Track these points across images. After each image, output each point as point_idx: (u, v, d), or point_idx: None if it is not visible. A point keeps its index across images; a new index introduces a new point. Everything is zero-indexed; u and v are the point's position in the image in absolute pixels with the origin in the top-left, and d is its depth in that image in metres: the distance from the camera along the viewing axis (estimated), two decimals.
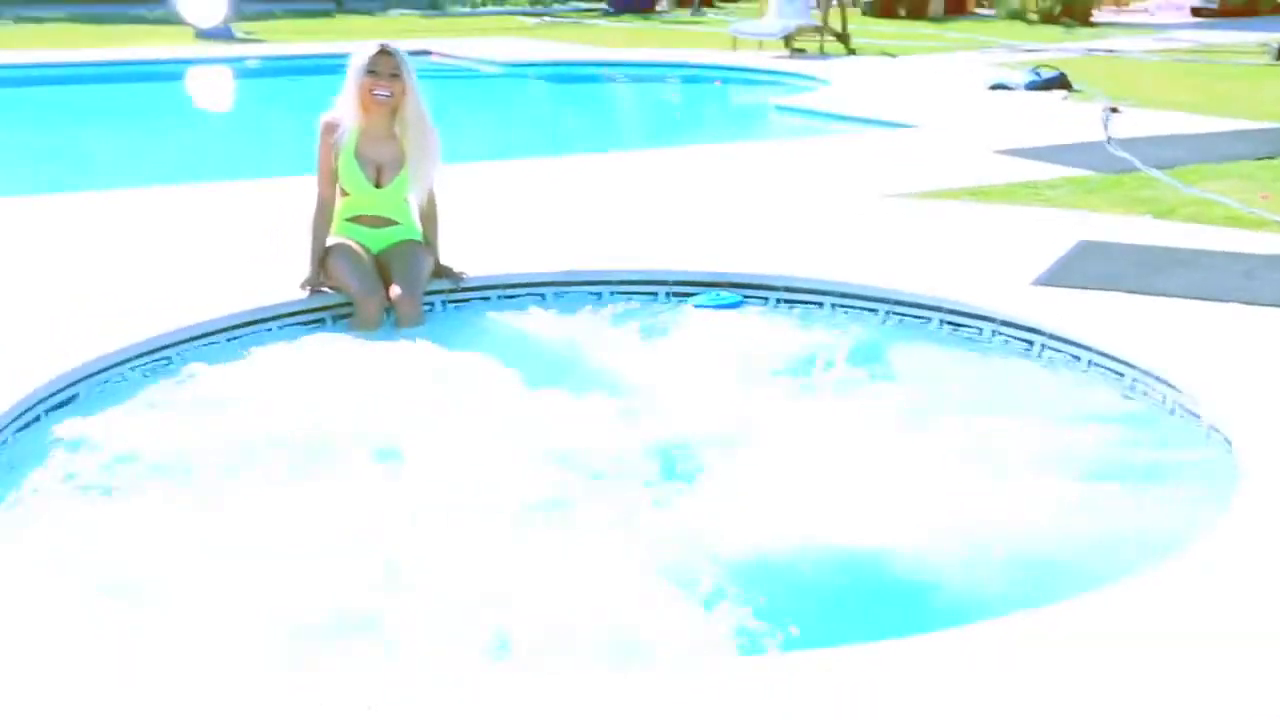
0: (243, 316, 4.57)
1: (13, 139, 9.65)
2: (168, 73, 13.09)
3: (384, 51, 4.70)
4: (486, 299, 5.02)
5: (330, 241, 4.84)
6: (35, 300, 4.73)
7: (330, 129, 4.80)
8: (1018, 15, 19.98)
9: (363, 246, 4.85)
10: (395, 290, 4.70)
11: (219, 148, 9.76)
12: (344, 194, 4.85)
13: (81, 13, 19.01)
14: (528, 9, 21.41)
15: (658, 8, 20.86)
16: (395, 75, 4.71)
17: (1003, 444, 3.67)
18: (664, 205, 6.67)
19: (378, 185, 4.84)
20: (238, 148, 9.72)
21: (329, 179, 4.83)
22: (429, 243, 4.97)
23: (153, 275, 5.11)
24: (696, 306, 4.98)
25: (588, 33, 17.78)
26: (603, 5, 21.11)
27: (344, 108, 4.79)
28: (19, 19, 17.85)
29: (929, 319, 4.86)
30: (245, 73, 13.49)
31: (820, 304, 5.03)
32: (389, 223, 4.91)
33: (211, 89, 13.24)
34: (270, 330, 4.60)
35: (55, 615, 2.56)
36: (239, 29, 16.17)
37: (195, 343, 4.40)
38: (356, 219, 4.89)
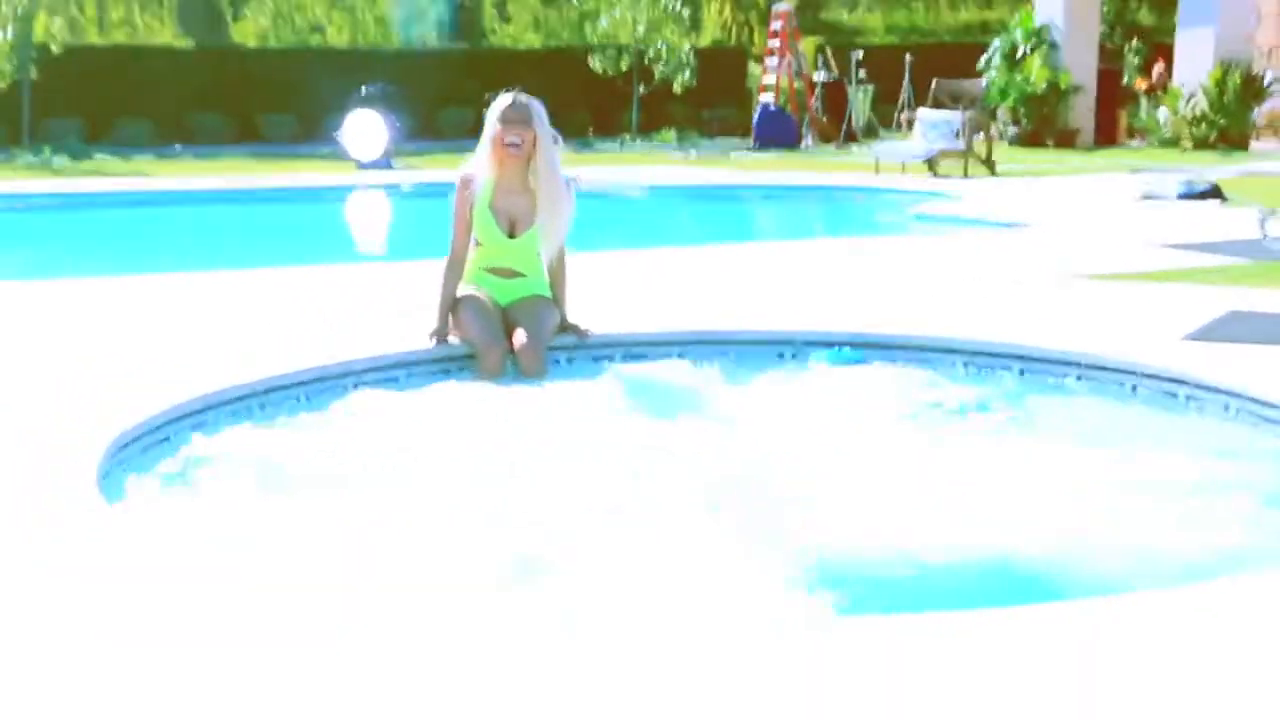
0: (368, 364, 4.69)
1: (213, 240, 10.75)
2: (328, 195, 14.15)
3: (515, 101, 4.83)
4: (611, 356, 5.01)
5: (460, 292, 4.95)
6: (219, 340, 5.06)
7: (466, 182, 4.95)
8: (1171, 143, 19.69)
9: (491, 298, 4.95)
10: (519, 338, 4.76)
11: (367, 241, 11.30)
12: (477, 244, 4.96)
13: (259, 150, 20.14)
14: (674, 145, 21.92)
15: (803, 144, 21.13)
16: (525, 123, 4.83)
17: (1149, 495, 3.53)
18: (794, 284, 6.66)
19: (511, 236, 4.94)
20: (382, 242, 11.15)
21: (464, 231, 4.95)
22: (557, 299, 5.05)
23: (296, 330, 5.34)
24: (817, 362, 4.96)
25: (733, 164, 18.10)
26: (748, 142, 21.48)
27: (479, 160, 4.95)
28: (199, 155, 18.98)
29: (1067, 373, 4.71)
30: (397, 194, 14.53)
31: (953, 362, 4.92)
32: (518, 275, 4.99)
33: (365, 205, 14.27)
34: (396, 379, 4.70)
35: None
36: (401, 162, 16.91)
37: (322, 383, 4.52)
38: (488, 270, 5.00)
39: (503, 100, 4.88)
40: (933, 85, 16.53)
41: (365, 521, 3.36)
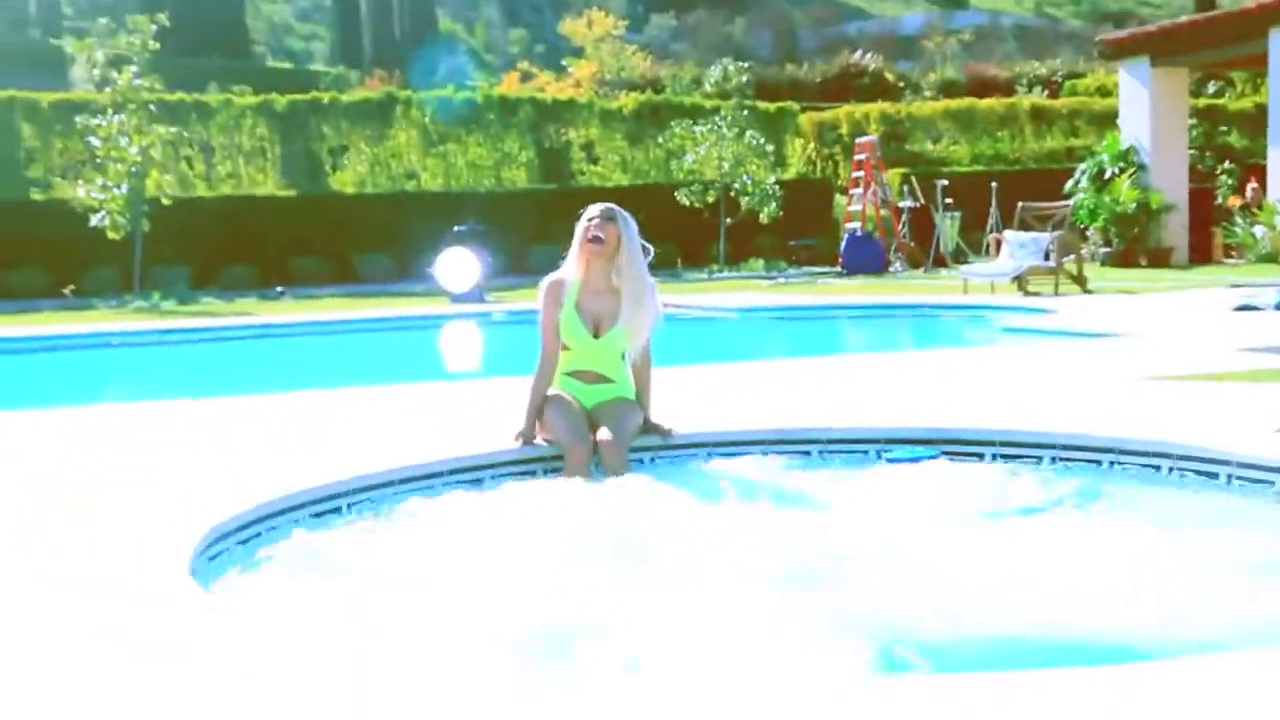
0: (456, 463, 4.77)
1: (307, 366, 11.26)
2: (423, 324, 14.67)
3: (601, 204, 5.05)
4: (694, 455, 5.05)
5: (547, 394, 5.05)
6: (302, 448, 5.21)
7: (554, 285, 5.09)
8: (1269, 259, 19.40)
9: (576, 400, 5.04)
10: (603, 435, 4.83)
11: (459, 362, 11.97)
12: (565, 348, 5.07)
13: (354, 290, 20.75)
14: (761, 273, 22.15)
15: (891, 269, 21.22)
16: (610, 220, 4.99)
17: (1243, 593, 3.42)
18: (877, 391, 6.66)
19: (595, 336, 5.04)
20: (474, 363, 11.90)
21: (552, 334, 5.07)
22: (641, 400, 5.12)
23: (388, 438, 5.47)
24: (889, 460, 4.92)
25: (821, 289, 18.23)
26: (835, 269, 21.62)
27: (568, 263, 5.10)
28: (299, 296, 19.59)
29: (1158, 466, 4.63)
30: (488, 322, 15.07)
31: (1037, 455, 4.87)
32: (604, 380, 5.07)
33: (458, 333, 14.82)
34: (481, 480, 4.77)
35: None
36: (492, 296, 17.32)
37: (408, 484, 4.59)
38: (574, 374, 5.10)
39: (590, 207, 5.09)
40: (1019, 209, 16.57)
41: (452, 618, 3.35)
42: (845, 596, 3.48)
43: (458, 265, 17.30)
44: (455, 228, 19.09)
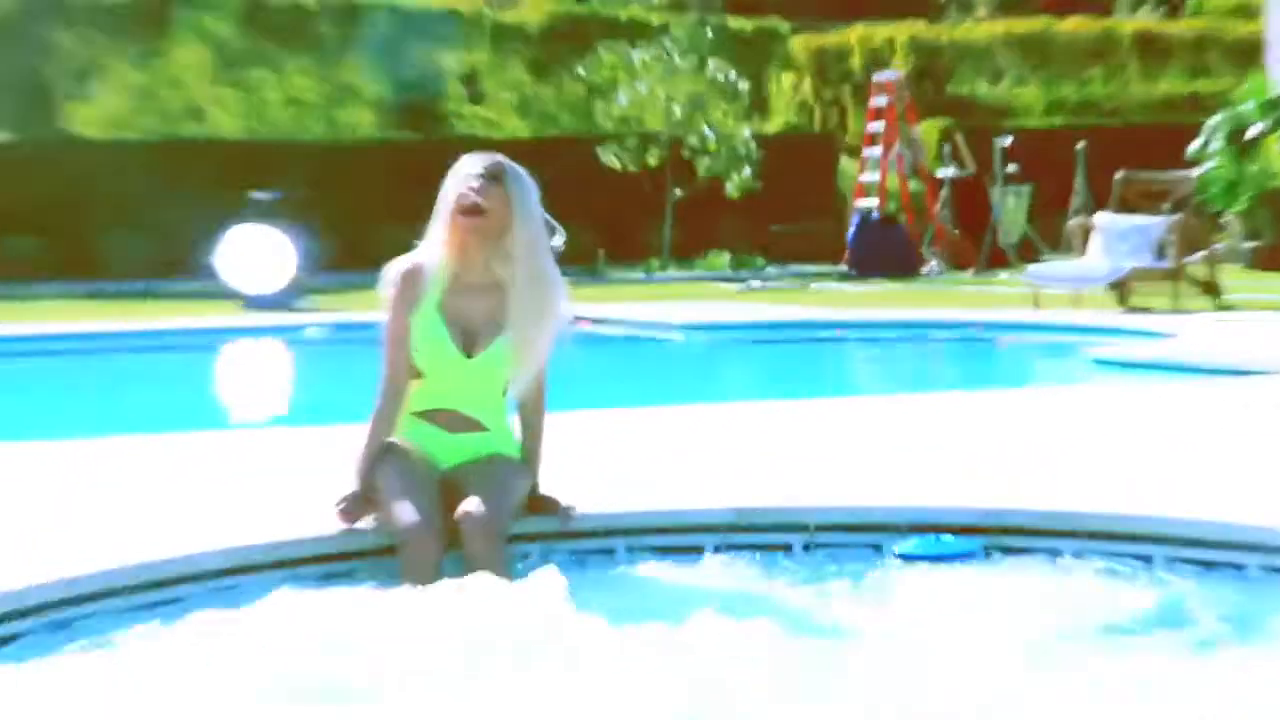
0: (206, 563, 4.66)
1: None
2: (199, 343, 14.81)
3: (481, 158, 4.94)
4: (611, 549, 4.98)
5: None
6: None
7: (407, 277, 4.95)
8: None
9: (426, 457, 4.89)
10: (467, 513, 4.66)
11: (249, 407, 12.13)
12: (417, 374, 4.95)
13: (94, 288, 20.54)
14: (726, 273, 22.21)
15: (924, 269, 21.36)
16: (496, 181, 4.88)
17: None
18: (896, 451, 6.70)
19: (468, 354, 4.92)
20: (277, 406, 12.12)
21: (400, 350, 4.95)
22: (529, 459, 5.02)
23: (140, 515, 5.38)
24: (904, 558, 4.94)
25: (814, 298, 18.25)
26: (840, 267, 21.74)
27: (429, 244, 4.98)
28: (1, 296, 19.27)
29: None
30: (302, 343, 15.16)
31: (1147, 557, 4.87)
32: (474, 426, 4.96)
33: (254, 357, 15.13)
34: (238, 588, 4.62)
35: None
36: (312, 300, 17.31)
37: (113, 599, 4.49)
38: (427, 414, 4.96)
39: (465, 159, 4.97)
40: (1118, 181, 16.68)
41: None
42: None
43: (257, 254, 17.28)
44: (254, 195, 18.98)
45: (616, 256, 23.63)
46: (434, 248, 4.97)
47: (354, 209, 23.30)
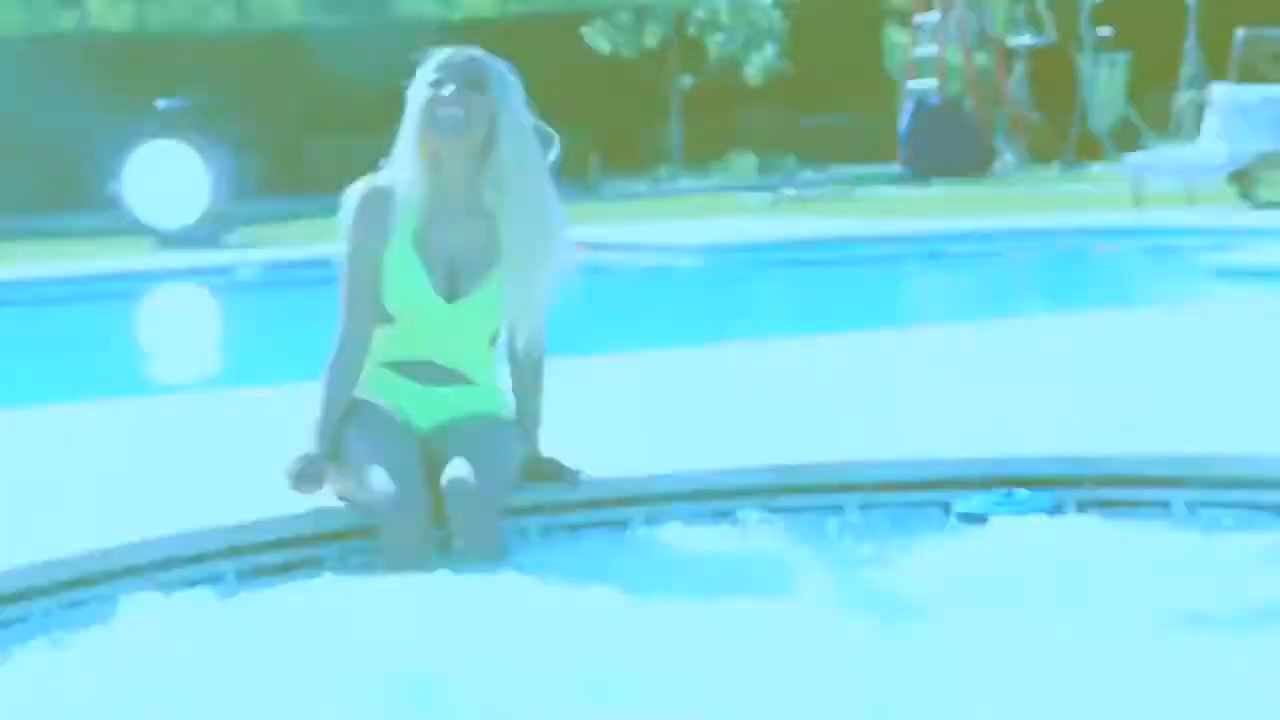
0: (161, 551, 4.71)
1: None
2: (101, 290, 14.66)
3: (458, 51, 4.99)
4: (623, 521, 5.07)
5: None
6: None
7: (372, 202, 5.00)
8: None
9: (403, 418, 5.02)
10: (454, 482, 4.76)
11: (167, 366, 12.41)
12: (388, 320, 5.04)
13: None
14: (752, 181, 22.24)
15: (996, 163, 21.44)
16: (477, 86, 4.96)
17: None
18: (963, 395, 6.74)
19: (449, 298, 5.02)
20: (197, 366, 12.33)
21: (364, 293, 5.02)
22: (526, 418, 5.11)
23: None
24: (962, 519, 5.03)
25: (861, 206, 18.33)
26: (891, 167, 21.82)
27: (399, 162, 5.02)
28: None
29: None
30: (228, 288, 15.17)
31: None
32: (458, 380, 5.05)
33: (168, 306, 15.37)
34: (221, 575, 4.70)
35: None
36: (239, 233, 17.44)
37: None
38: (402, 367, 5.05)
39: (435, 55, 5.01)
40: (1239, 41, 16.74)
41: None
42: None
43: (166, 178, 17.32)
44: (160, 104, 19.01)
45: (614, 165, 23.67)
46: (404, 169, 4.98)
47: (279, 118, 23.39)
